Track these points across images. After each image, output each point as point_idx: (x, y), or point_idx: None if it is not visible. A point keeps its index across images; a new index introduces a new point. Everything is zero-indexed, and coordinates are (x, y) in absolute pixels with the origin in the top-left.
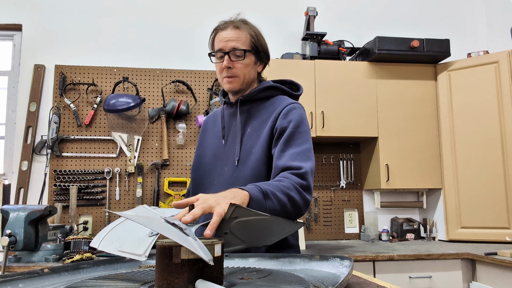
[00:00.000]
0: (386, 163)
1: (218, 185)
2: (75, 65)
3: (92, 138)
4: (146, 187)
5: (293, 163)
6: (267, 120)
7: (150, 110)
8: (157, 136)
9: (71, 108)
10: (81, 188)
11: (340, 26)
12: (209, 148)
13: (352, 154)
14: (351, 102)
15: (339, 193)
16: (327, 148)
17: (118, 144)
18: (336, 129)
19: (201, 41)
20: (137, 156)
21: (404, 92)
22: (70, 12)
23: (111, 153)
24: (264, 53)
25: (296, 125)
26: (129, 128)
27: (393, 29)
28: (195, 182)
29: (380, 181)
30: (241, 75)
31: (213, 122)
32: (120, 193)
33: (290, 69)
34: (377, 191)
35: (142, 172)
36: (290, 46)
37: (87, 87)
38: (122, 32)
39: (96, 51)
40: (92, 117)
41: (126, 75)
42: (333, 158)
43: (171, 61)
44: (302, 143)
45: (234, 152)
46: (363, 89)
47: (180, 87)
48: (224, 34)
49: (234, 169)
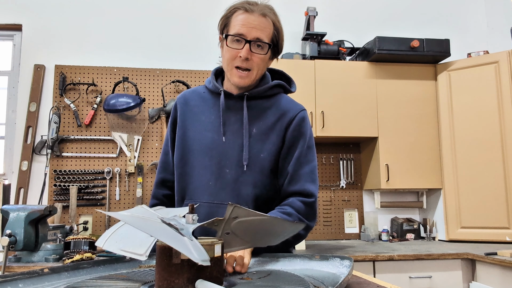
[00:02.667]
0: (386, 163)
1: (217, 187)
2: (75, 65)
3: (92, 138)
4: (146, 187)
5: (304, 189)
6: (276, 126)
7: (150, 110)
8: (157, 136)
9: (71, 108)
10: (81, 188)
11: (340, 26)
12: (199, 141)
13: (352, 154)
14: (351, 102)
15: (339, 193)
16: (327, 148)
17: (118, 144)
18: (336, 129)
19: (201, 41)
20: (137, 156)
21: (404, 92)
22: (70, 12)
23: (111, 153)
24: (280, 50)
25: (308, 141)
26: (129, 128)
27: (393, 29)
28: (182, 180)
29: (380, 181)
30: (256, 70)
31: (197, 106)
32: (120, 193)
33: (290, 68)
34: (377, 191)
35: (142, 172)
36: (290, 46)
37: (87, 87)
38: (122, 31)
39: (96, 51)
40: (92, 117)
41: (126, 75)
42: (333, 158)
43: (171, 61)
44: (312, 160)
45: (237, 153)
46: (363, 89)
47: (180, 87)
48: (250, 19)
49: (239, 173)
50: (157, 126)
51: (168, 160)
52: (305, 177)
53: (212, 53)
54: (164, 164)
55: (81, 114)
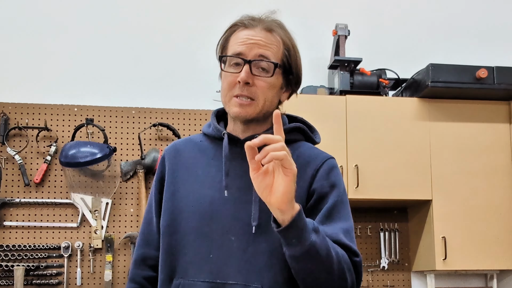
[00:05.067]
0: (443, 236)
1: (220, 261)
2: (21, 103)
3: (44, 201)
4: (118, 268)
5: (347, 242)
6: (298, 177)
7: (123, 164)
8: (132, 199)
9: (16, 161)
10: (29, 269)
11: (379, 50)
12: (194, 201)
13: (397, 224)
14: (396, 153)
15: (379, 275)
16: (363, 216)
17: (80, 209)
18: (375, 189)
19: (192, 70)
20: (106, 226)
21: (468, 139)
22: (15, 34)
23: (70, 222)
24: (295, 76)
25: (341, 193)
26: (95, 188)
27: (451, 54)
28: (170, 253)
29: (435, 259)
30: (261, 99)
31: (193, 158)
32: (83, 276)
33: (313, 107)
34: (430, 273)
35: (113, 247)
36: (312, 76)
37: (38, 133)
38: (85, 59)
39: (49, 84)
40: (44, 173)
41: (90, 117)
42: (370, 229)
43: (151, 98)
44: (348, 218)
45: (245, 213)
46: (412, 135)
47: (164, 132)
48: (250, 34)
49: (249, 240)
50: (132, 185)
51: (151, 231)
52: (343, 234)
53: (207, 87)
54: (147, 236)
55: (29, 169)
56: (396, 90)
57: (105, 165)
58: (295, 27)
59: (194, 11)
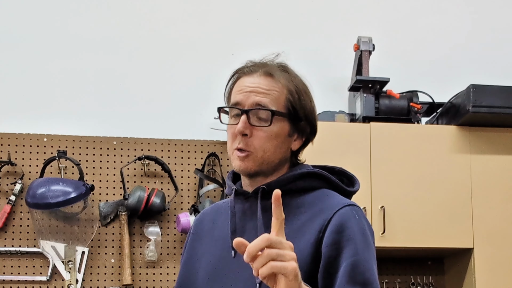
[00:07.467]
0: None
1: None
2: None
3: (7, 250)
4: None
5: None
6: (305, 227)
7: (102, 205)
8: (113, 247)
9: None
10: None
11: (409, 68)
12: (205, 262)
13: (431, 277)
14: (430, 192)
15: None
16: (391, 267)
17: (50, 259)
18: (405, 235)
19: (185, 92)
20: (82, 279)
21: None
22: None
23: (39, 275)
24: (306, 122)
25: (358, 249)
26: (68, 234)
27: (496, 73)
28: None
29: None
30: (259, 151)
31: (213, 222)
32: None
33: (330, 136)
34: None
35: None
36: (329, 100)
37: (0, 167)
38: (56, 79)
39: (14, 110)
40: (7, 217)
41: (63, 148)
42: (400, 283)
43: (136, 126)
44: (372, 281)
45: (251, 271)
46: (450, 170)
47: (152, 167)
48: (248, 81)
49: None
50: (113, 231)
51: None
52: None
53: (201, 114)
54: None
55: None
56: (430, 116)
57: (80, 206)
58: (314, 45)
59: (179, 27)
